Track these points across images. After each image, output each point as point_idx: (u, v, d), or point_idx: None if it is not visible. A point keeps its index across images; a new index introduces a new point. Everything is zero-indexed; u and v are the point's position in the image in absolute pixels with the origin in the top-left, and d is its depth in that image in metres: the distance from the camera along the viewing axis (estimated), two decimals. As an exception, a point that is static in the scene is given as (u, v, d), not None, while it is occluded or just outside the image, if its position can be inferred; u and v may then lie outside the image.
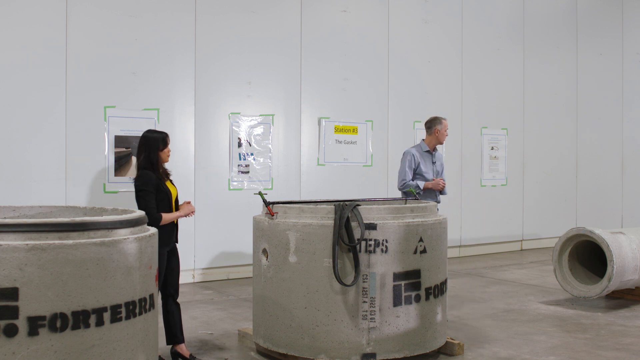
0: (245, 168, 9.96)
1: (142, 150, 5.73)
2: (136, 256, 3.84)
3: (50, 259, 3.48)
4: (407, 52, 11.79)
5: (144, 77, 9.20)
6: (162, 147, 5.77)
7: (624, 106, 15.10)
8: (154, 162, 5.72)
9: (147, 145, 5.73)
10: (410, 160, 7.85)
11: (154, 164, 5.71)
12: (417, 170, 7.86)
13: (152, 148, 5.72)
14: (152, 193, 5.59)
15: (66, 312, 3.52)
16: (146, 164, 5.70)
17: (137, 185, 5.62)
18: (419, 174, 7.87)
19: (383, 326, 5.44)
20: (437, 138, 7.98)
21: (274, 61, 10.31)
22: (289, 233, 5.52)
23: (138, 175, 5.68)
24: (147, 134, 5.83)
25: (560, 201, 14.04)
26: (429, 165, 7.96)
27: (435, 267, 5.73)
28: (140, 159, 5.72)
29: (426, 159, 7.96)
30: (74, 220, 3.70)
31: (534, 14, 13.55)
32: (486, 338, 6.64)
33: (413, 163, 7.85)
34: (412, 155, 7.87)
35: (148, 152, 5.71)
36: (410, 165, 7.84)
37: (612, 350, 6.23)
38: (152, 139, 5.75)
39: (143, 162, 5.71)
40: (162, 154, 5.78)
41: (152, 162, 5.71)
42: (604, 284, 7.73)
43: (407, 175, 7.80)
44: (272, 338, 5.67)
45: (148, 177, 5.62)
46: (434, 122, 7.99)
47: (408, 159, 7.85)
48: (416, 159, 7.87)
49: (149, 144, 5.73)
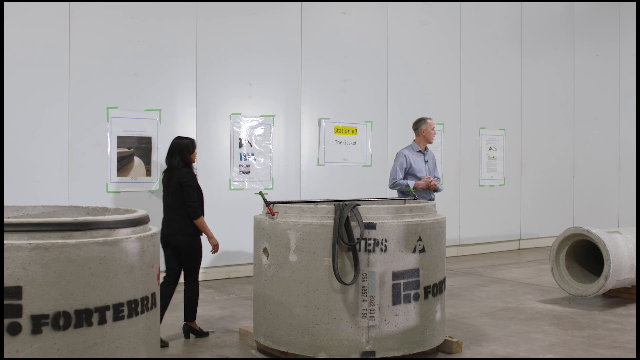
0: (246, 168, 10.01)
1: (176, 154, 6.69)
2: (138, 255, 3.87)
3: (53, 258, 3.51)
4: (406, 53, 11.85)
5: (146, 78, 9.26)
6: (192, 150, 6.79)
7: (620, 107, 15.16)
8: (188, 163, 6.69)
9: (179, 149, 6.71)
10: (402, 161, 8.07)
11: (187, 164, 6.69)
12: (409, 170, 8.08)
13: (184, 151, 6.71)
14: (195, 188, 6.58)
15: (69, 311, 3.55)
16: (183, 164, 6.67)
17: (184, 181, 6.53)
18: (412, 173, 8.08)
19: (382, 324, 5.49)
20: (425, 137, 8.28)
21: (275, 62, 10.36)
22: (289, 232, 5.56)
23: (184, 172, 6.59)
24: (179, 140, 6.81)
25: (558, 201, 14.09)
26: (422, 165, 8.17)
27: (433, 266, 5.78)
28: (176, 160, 6.66)
29: (418, 158, 8.18)
30: (77, 219, 3.74)
31: (532, 16, 13.60)
32: (484, 336, 6.68)
33: (405, 163, 8.06)
34: (404, 156, 8.09)
35: (182, 155, 6.69)
36: (402, 165, 8.05)
37: (609, 348, 6.28)
38: (183, 144, 6.73)
39: (180, 163, 6.66)
40: (192, 156, 6.78)
41: (187, 163, 6.68)
42: (600, 282, 7.79)
43: (398, 175, 8.00)
44: (272, 336, 5.72)
45: (193, 175, 6.65)
46: (419, 122, 8.33)
47: (400, 159, 8.07)
48: (408, 159, 8.08)
49: (182, 148, 6.71)
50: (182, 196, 6.51)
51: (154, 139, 9.26)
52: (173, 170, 6.65)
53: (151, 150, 9.24)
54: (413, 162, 8.07)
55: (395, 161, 8.11)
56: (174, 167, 6.66)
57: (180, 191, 6.52)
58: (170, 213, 6.60)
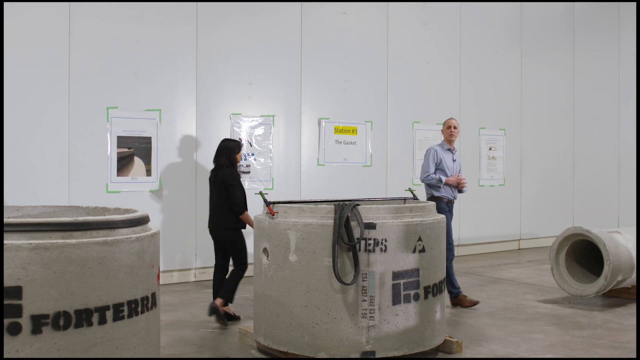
0: (246, 168, 10.01)
1: (223, 155, 7.42)
2: (138, 255, 3.88)
3: (53, 258, 3.52)
4: (406, 53, 11.85)
5: (146, 78, 9.26)
6: (237, 151, 7.48)
7: (620, 107, 15.16)
8: (233, 163, 7.41)
9: (226, 150, 7.43)
10: (434, 155, 8.22)
11: (233, 164, 7.41)
12: (439, 165, 8.22)
13: (230, 153, 7.43)
14: (239, 187, 7.27)
15: (69, 311, 3.56)
16: (228, 164, 7.38)
17: (227, 180, 7.23)
18: (441, 169, 8.22)
19: (382, 324, 5.49)
20: (445, 137, 8.46)
21: (275, 62, 10.36)
22: (290, 232, 5.56)
23: (228, 172, 7.29)
24: (226, 142, 7.55)
25: (558, 201, 14.09)
26: (450, 163, 8.32)
27: (433, 266, 5.78)
28: (223, 160, 7.39)
29: (447, 156, 8.30)
30: (77, 219, 3.74)
31: (532, 16, 13.61)
32: (484, 336, 6.68)
33: (436, 157, 8.21)
34: (434, 151, 8.25)
35: (228, 156, 7.40)
36: (434, 159, 8.20)
37: (609, 348, 6.28)
38: (230, 146, 7.46)
39: (226, 163, 7.38)
40: (237, 157, 7.48)
41: (232, 163, 7.40)
42: (600, 282, 7.79)
43: (430, 168, 8.15)
44: (272, 336, 5.72)
45: (236, 174, 7.36)
46: (443, 123, 8.54)
47: (431, 153, 8.23)
48: (438, 154, 8.23)
49: (228, 149, 7.44)
50: (226, 194, 7.22)
51: (154, 139, 9.26)
52: (219, 170, 7.39)
53: (151, 150, 9.24)
54: (443, 158, 8.24)
55: (426, 156, 8.28)
56: (220, 166, 7.39)
57: (225, 189, 7.23)
58: (215, 209, 7.35)
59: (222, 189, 7.25)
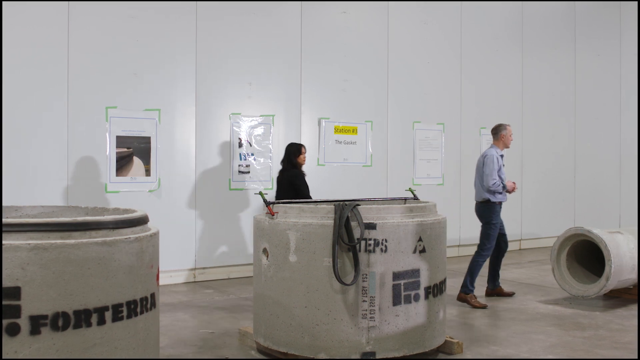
0: (246, 168, 9.99)
1: (286, 157, 8.65)
2: (138, 255, 3.86)
3: (52, 258, 3.50)
4: (407, 53, 11.83)
5: (145, 78, 9.24)
6: (298, 154, 8.61)
7: (621, 107, 15.14)
8: (295, 165, 8.50)
9: (288, 153, 8.66)
10: (496, 161, 8.37)
11: (295, 165, 8.51)
12: (499, 171, 8.40)
13: (291, 155, 8.60)
14: (305, 186, 8.31)
15: (68, 311, 3.54)
16: (291, 166, 8.53)
17: (292, 180, 8.35)
18: (499, 174, 8.40)
19: (382, 325, 5.47)
20: (503, 142, 8.60)
21: (275, 62, 10.34)
22: (289, 232, 5.54)
23: (292, 173, 8.45)
24: (288, 146, 8.78)
25: (559, 201, 14.07)
26: (502, 167, 8.51)
27: (434, 266, 5.76)
28: (286, 162, 8.63)
29: (501, 160, 8.48)
30: (76, 220, 3.72)
31: (532, 15, 13.59)
32: (485, 337, 6.66)
33: (497, 163, 8.39)
34: (496, 158, 8.40)
35: (289, 158, 8.59)
36: (498, 165, 8.38)
37: (610, 349, 6.26)
38: (291, 149, 8.65)
39: (288, 164, 8.58)
40: (299, 159, 8.61)
41: (294, 165, 8.51)
42: (601, 283, 7.77)
43: (495, 175, 8.33)
44: (272, 337, 5.69)
45: (300, 174, 8.44)
46: (499, 128, 8.65)
47: (494, 160, 8.37)
48: (499, 160, 8.40)
49: (290, 152, 8.65)
50: (292, 192, 8.21)
51: (153, 138, 9.25)
52: (285, 171, 8.51)
53: (150, 150, 9.22)
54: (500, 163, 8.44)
55: (488, 163, 8.36)
56: (285, 168, 8.55)
57: (290, 188, 8.27)
58: None
59: (288, 188, 8.30)
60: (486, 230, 8.51)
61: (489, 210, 8.49)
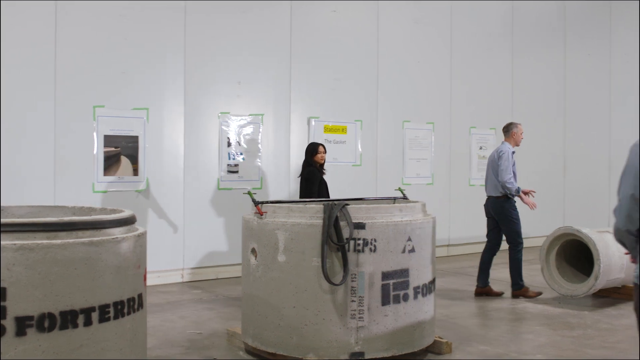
0: (235, 167, 9.96)
1: (306, 155, 8.88)
2: (125, 256, 3.84)
3: (38, 259, 3.47)
4: (397, 52, 11.81)
5: (133, 77, 9.18)
6: (315, 153, 8.77)
7: (611, 106, 15.18)
8: (310, 163, 8.74)
9: (306, 152, 8.88)
10: (511, 158, 8.53)
11: (310, 164, 8.74)
12: (513, 167, 8.55)
13: (308, 154, 8.84)
14: (315, 184, 8.52)
15: (54, 312, 3.52)
16: (307, 164, 8.79)
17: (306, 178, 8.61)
18: (513, 170, 8.55)
19: (371, 325, 5.45)
20: (514, 140, 8.77)
21: (264, 61, 10.30)
22: (278, 232, 5.52)
23: (308, 171, 8.67)
24: (308, 145, 9.00)
25: (548, 200, 14.08)
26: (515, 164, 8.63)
27: (423, 266, 5.75)
28: (304, 161, 8.89)
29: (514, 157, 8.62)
30: (62, 219, 3.70)
31: (523, 15, 13.59)
32: (474, 337, 6.66)
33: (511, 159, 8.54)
34: (510, 154, 8.54)
35: (307, 157, 8.83)
36: (512, 161, 8.52)
37: (599, 348, 6.27)
38: (308, 149, 8.89)
39: (305, 163, 8.84)
40: (316, 158, 8.76)
41: (309, 163, 8.76)
42: (590, 282, 7.78)
43: (511, 171, 8.48)
44: (260, 337, 5.67)
45: (313, 172, 8.63)
46: (511, 126, 8.87)
47: (510, 156, 8.53)
48: (512, 157, 8.55)
49: (307, 151, 8.88)
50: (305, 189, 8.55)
51: (142, 138, 9.20)
52: (303, 169, 8.83)
53: (138, 150, 9.18)
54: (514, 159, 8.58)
55: (504, 159, 8.46)
56: (303, 167, 8.89)
57: (305, 185, 8.59)
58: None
59: (304, 186, 8.62)
60: (511, 227, 8.76)
61: (507, 205, 8.68)
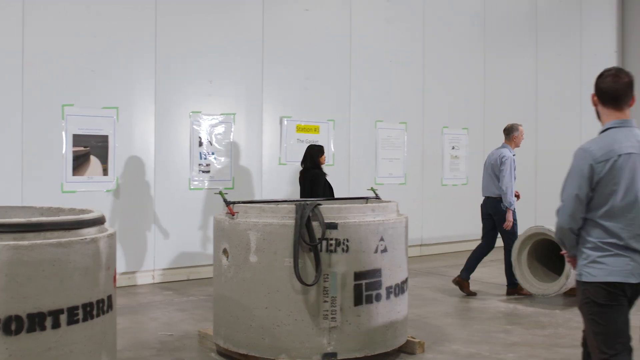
0: (206, 167, 9.89)
1: (308, 157, 8.89)
2: (94, 257, 3.80)
3: (4, 260, 3.43)
4: (370, 51, 11.81)
5: (103, 75, 9.07)
6: (321, 155, 8.91)
7: (582, 106, 15.28)
8: (317, 165, 8.79)
9: (310, 154, 8.91)
10: (513, 163, 8.51)
11: (317, 166, 8.79)
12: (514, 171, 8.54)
13: (314, 156, 8.87)
14: (320, 186, 8.59)
15: (21, 315, 3.47)
16: (312, 166, 8.80)
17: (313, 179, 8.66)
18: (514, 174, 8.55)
19: (344, 325, 5.44)
20: (515, 142, 8.80)
21: (236, 60, 10.24)
22: (250, 233, 5.49)
23: (312, 173, 8.73)
24: (309, 148, 9.03)
25: (520, 200, 14.16)
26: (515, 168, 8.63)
27: (396, 266, 5.75)
28: (307, 163, 8.87)
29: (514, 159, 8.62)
30: (30, 220, 3.67)
31: (495, 13, 13.62)
32: (446, 336, 6.67)
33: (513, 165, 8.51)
34: (512, 160, 8.53)
35: (312, 159, 8.84)
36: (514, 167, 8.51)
37: (570, 347, 6.30)
38: (313, 150, 8.94)
39: (310, 164, 8.83)
40: (321, 159, 8.89)
41: (316, 165, 8.79)
42: (562, 281, 7.84)
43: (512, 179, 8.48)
44: (232, 338, 5.63)
45: (319, 175, 8.74)
46: (511, 129, 8.87)
47: (512, 163, 8.53)
48: (514, 162, 8.53)
49: (312, 153, 8.91)
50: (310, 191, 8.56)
51: (111, 137, 9.09)
52: (306, 171, 8.80)
53: (108, 149, 9.07)
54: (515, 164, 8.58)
55: (507, 166, 8.44)
56: (306, 169, 8.83)
57: (311, 187, 8.60)
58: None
59: (308, 188, 8.62)
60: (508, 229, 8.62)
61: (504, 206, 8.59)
